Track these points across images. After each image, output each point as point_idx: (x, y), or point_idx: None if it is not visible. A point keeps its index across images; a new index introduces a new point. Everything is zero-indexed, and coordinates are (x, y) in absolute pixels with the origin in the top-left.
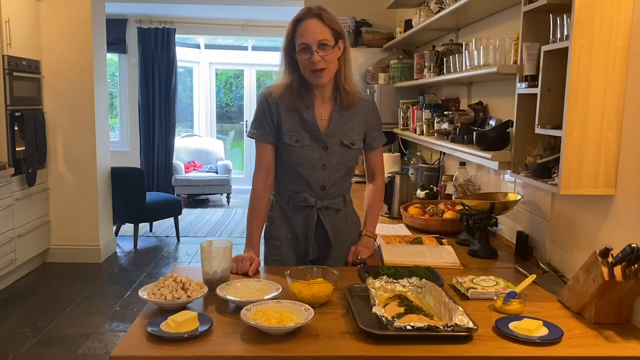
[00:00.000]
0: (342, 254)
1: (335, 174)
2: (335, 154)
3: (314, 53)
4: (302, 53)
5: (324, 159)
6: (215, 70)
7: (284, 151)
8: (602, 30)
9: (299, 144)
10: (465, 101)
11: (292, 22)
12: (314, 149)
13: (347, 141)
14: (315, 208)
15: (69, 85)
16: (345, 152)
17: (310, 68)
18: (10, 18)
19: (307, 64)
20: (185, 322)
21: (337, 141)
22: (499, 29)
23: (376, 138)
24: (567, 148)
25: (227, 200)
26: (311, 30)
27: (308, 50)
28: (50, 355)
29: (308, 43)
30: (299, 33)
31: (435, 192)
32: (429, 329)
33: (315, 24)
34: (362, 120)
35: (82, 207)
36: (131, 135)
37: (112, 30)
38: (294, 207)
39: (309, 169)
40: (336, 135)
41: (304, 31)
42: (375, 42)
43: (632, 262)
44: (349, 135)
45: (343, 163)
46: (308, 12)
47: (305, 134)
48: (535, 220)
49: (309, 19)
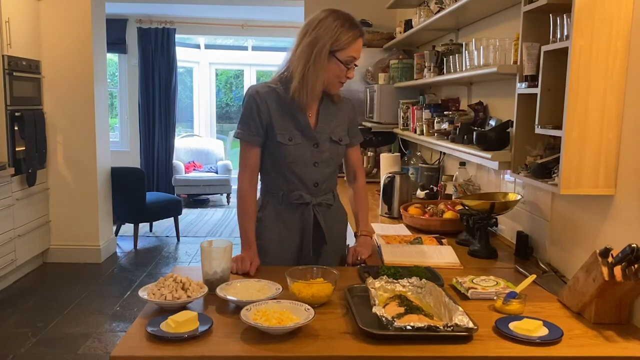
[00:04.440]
0: (335, 250)
1: (327, 170)
2: (325, 151)
3: (353, 69)
4: (347, 65)
5: (315, 156)
6: (215, 70)
7: (277, 150)
8: (602, 30)
9: (292, 142)
10: (465, 101)
11: (354, 35)
12: (306, 147)
13: (336, 137)
14: (310, 205)
15: (69, 85)
16: (334, 148)
17: (342, 80)
18: (10, 18)
19: (343, 76)
20: (185, 322)
21: (327, 138)
22: (499, 29)
23: (355, 135)
24: (567, 148)
25: (227, 200)
26: (360, 49)
27: (351, 64)
28: (50, 355)
29: (356, 60)
30: (355, 48)
31: (435, 192)
32: (429, 329)
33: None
34: (345, 117)
35: (82, 207)
36: (131, 135)
37: (112, 30)
38: (288, 205)
39: (302, 166)
40: (325, 132)
41: (359, 47)
42: (375, 42)
43: (632, 262)
44: (336, 131)
45: (333, 159)
46: (362, 30)
47: (297, 132)
48: (535, 220)
49: (362, 38)
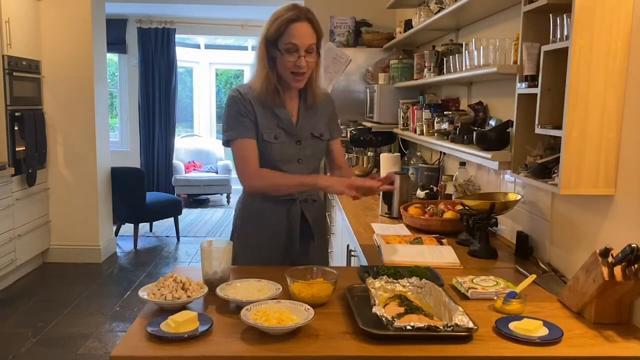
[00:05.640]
0: (322, 245)
1: (311, 166)
2: (308, 147)
3: (301, 57)
4: (289, 54)
5: (299, 153)
6: (215, 70)
7: (263, 149)
8: (602, 30)
9: (277, 141)
10: (465, 101)
11: (284, 20)
12: (290, 144)
13: (317, 133)
14: (297, 201)
15: (69, 85)
16: (317, 144)
17: (293, 70)
18: (10, 18)
19: (292, 65)
20: (185, 322)
21: (308, 134)
22: (499, 29)
23: (335, 129)
24: (567, 148)
25: (227, 200)
26: (303, 34)
27: (295, 53)
28: (50, 355)
29: (298, 45)
30: (289, 33)
31: (435, 192)
32: (429, 329)
33: (307, 28)
34: (325, 113)
35: (82, 207)
36: (131, 135)
37: (112, 30)
38: (275, 202)
39: (287, 164)
40: (306, 128)
41: (295, 33)
42: (375, 42)
43: (632, 262)
44: (317, 127)
45: (316, 155)
46: (300, 13)
47: (280, 130)
48: (535, 220)
49: (301, 22)
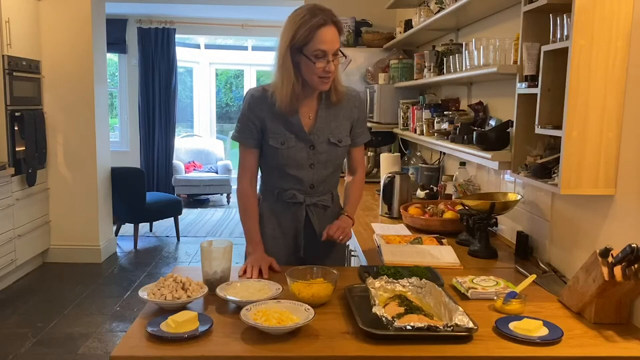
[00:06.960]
0: (330, 251)
1: (324, 172)
2: (323, 152)
3: (330, 62)
4: (317, 60)
5: (311, 158)
6: (215, 70)
7: (270, 153)
8: (602, 30)
9: (284, 146)
10: (465, 101)
11: (311, 26)
12: (301, 149)
13: (335, 139)
14: (304, 205)
15: (69, 85)
16: (332, 150)
17: (321, 75)
18: (10, 18)
19: (321, 71)
20: (185, 322)
21: (325, 139)
22: (499, 29)
23: (360, 134)
24: (567, 148)
25: (227, 200)
26: (331, 39)
27: (323, 58)
28: (50, 355)
29: (327, 51)
30: (318, 39)
31: (435, 192)
32: (429, 329)
33: (334, 32)
34: (348, 116)
35: (82, 207)
36: (131, 135)
37: (112, 30)
38: (282, 204)
39: (296, 168)
40: (323, 133)
41: (324, 39)
42: (375, 42)
43: (632, 262)
44: (336, 132)
45: (331, 161)
46: (327, 17)
47: (291, 135)
48: (535, 220)
49: (328, 26)
